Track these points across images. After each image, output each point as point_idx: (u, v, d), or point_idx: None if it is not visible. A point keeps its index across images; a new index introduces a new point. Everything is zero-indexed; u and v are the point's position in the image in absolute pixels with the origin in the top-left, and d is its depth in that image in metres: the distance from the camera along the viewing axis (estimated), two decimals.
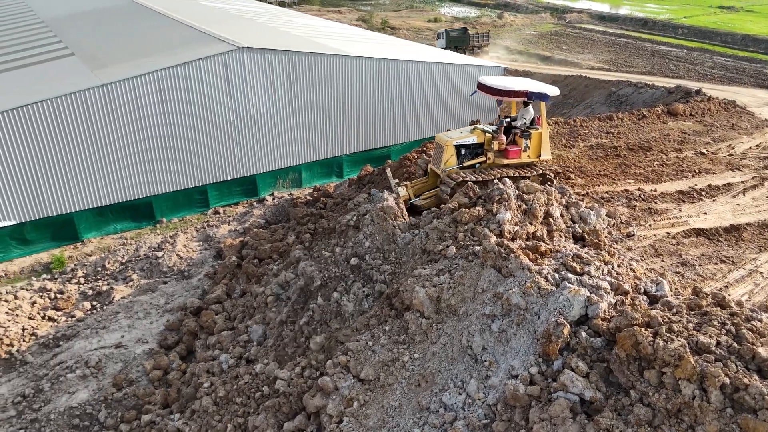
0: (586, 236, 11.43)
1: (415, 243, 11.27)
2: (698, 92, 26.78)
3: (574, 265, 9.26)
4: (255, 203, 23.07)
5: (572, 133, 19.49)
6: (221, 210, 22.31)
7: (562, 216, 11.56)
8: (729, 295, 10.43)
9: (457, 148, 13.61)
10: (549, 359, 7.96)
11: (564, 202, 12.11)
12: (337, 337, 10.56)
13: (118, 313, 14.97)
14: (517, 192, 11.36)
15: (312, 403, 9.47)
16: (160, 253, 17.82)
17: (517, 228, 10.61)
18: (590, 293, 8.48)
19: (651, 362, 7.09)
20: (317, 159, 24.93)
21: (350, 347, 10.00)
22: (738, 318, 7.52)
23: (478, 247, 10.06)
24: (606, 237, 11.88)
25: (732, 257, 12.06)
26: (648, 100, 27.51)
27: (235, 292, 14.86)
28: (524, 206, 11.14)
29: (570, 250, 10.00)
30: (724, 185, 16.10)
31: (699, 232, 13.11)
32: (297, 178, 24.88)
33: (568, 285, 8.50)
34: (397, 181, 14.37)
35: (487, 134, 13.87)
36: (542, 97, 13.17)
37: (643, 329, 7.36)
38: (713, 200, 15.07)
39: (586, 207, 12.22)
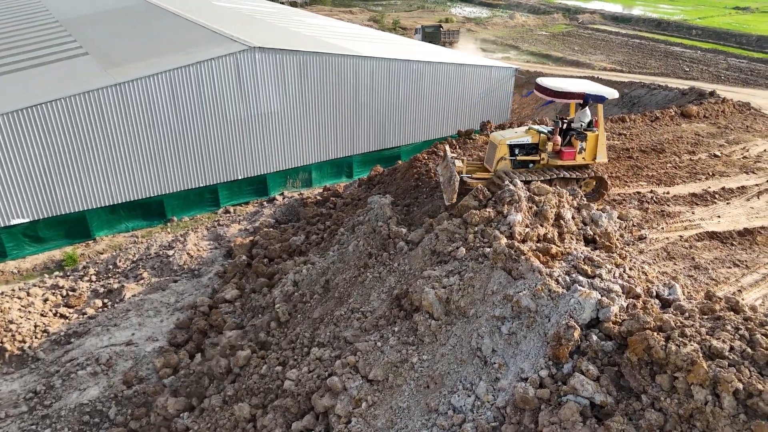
0: (598, 239, 11.32)
1: (425, 244, 11.24)
2: (712, 94, 26.51)
3: (585, 267, 9.19)
4: (265, 203, 23.15)
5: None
6: (232, 209, 22.42)
7: (573, 218, 11.47)
8: (742, 299, 10.29)
9: (511, 147, 13.63)
10: (559, 362, 7.91)
11: (575, 204, 12.02)
12: (346, 337, 10.56)
13: (128, 310, 15.07)
14: (528, 193, 11.29)
15: (320, 403, 9.48)
16: (170, 252, 17.93)
17: (527, 230, 10.55)
18: (601, 296, 8.41)
19: (663, 367, 7.01)
20: (327, 159, 24.98)
21: (359, 347, 9.99)
22: (752, 323, 7.42)
23: (488, 249, 10.01)
24: (618, 240, 11.75)
25: (746, 261, 11.91)
26: (661, 101, 27.29)
27: (245, 291, 14.90)
28: (535, 208, 11.07)
29: (581, 253, 9.92)
30: (738, 188, 15.90)
31: (712, 235, 12.96)
32: (307, 178, 24.94)
33: (579, 288, 8.43)
34: (454, 155, 14.36)
35: (541, 135, 13.81)
36: (599, 99, 13.07)
37: (655, 333, 7.29)
38: (727, 203, 14.89)
39: (597, 209, 12.12)
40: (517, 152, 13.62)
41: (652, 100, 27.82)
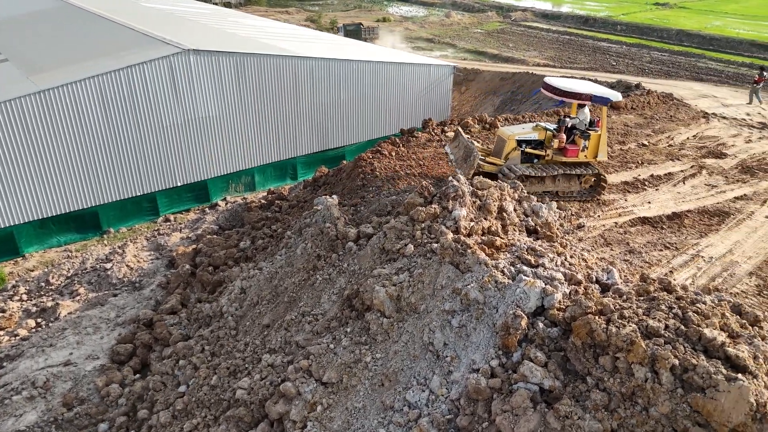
0: (539, 229, 11.69)
1: (373, 243, 11.26)
2: (638, 86, 27.93)
3: (529, 257, 9.47)
4: (207, 209, 22.57)
5: None
6: (172, 217, 21.72)
7: (515, 210, 11.79)
8: (674, 279, 10.90)
9: (519, 143, 14.19)
10: (508, 351, 8.11)
11: (516, 197, 12.36)
12: (297, 341, 10.44)
13: (65, 329, 14.32)
14: (472, 188, 11.52)
15: (275, 410, 9.33)
16: (108, 265, 17.17)
17: (472, 224, 10.75)
18: (545, 284, 8.68)
19: (605, 348, 7.32)
20: (270, 162, 24.62)
21: (312, 351, 9.90)
22: (684, 302, 7.86)
23: (435, 245, 10.14)
24: (558, 229, 12.18)
25: (675, 243, 12.61)
26: None
27: (190, 301, 14.47)
28: (479, 202, 11.30)
29: (524, 244, 10.21)
30: (666, 175, 16.83)
31: (644, 220, 13.65)
32: (250, 182, 24.50)
33: (524, 277, 8.68)
34: (469, 137, 14.97)
35: (547, 132, 14.39)
36: (604, 101, 13.67)
37: (596, 317, 7.60)
38: (656, 189, 15.72)
39: (537, 201, 12.51)
40: (524, 147, 14.24)
41: None
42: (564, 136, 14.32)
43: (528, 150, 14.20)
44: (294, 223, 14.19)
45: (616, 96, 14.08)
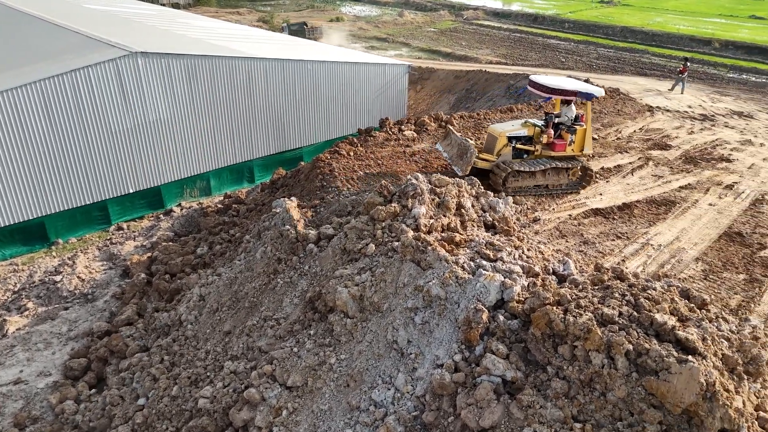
0: (497, 224, 11.91)
1: (334, 243, 11.22)
2: (587, 82, 28.72)
3: (488, 252, 9.63)
4: (162, 215, 21.97)
5: (477, 126, 20.23)
6: (125, 225, 21.03)
7: (473, 206, 11.97)
8: (626, 268, 11.29)
9: (509, 139, 14.70)
10: (471, 345, 8.24)
11: (474, 193, 12.55)
12: (260, 346, 10.30)
13: (13, 346, 13.69)
14: (430, 186, 11.62)
15: (239, 417, 9.19)
16: (58, 278, 16.49)
17: (432, 221, 10.86)
18: (504, 278, 8.86)
19: (563, 338, 7.53)
20: (226, 165, 24.16)
21: (275, 355, 9.80)
22: (636, 289, 8.17)
23: (396, 243, 10.19)
24: (514, 223, 12.44)
25: (626, 233, 13.06)
26: None
27: (146, 311, 14.07)
28: (437, 199, 11.42)
29: (483, 239, 10.38)
30: (615, 167, 17.41)
31: (596, 212, 14.09)
32: (205, 186, 23.99)
33: (484, 272, 8.82)
34: (461, 134, 15.36)
35: (536, 128, 14.90)
36: (588, 96, 14.32)
37: (554, 307, 7.80)
38: (607, 181, 16.24)
39: (494, 196, 12.74)
40: (514, 143, 14.76)
41: None
42: (552, 132, 14.91)
43: (518, 146, 14.78)
44: (252, 227, 13.99)
45: (599, 92, 14.85)
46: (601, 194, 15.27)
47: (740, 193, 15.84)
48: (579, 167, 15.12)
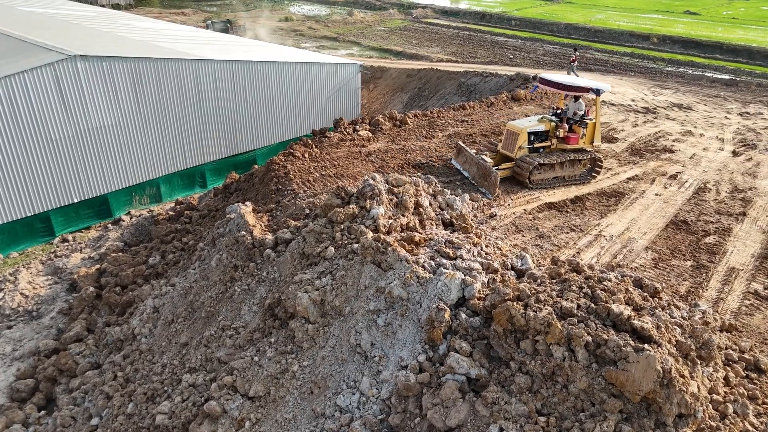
0: (455, 221, 11.97)
1: (292, 248, 11.01)
2: (535, 78, 29.34)
3: (447, 250, 9.66)
4: (110, 225, 21.12)
5: (431, 124, 20.34)
6: (70, 237, 20.10)
7: (431, 205, 11.99)
8: (581, 260, 11.57)
9: (529, 135, 15.43)
10: (434, 345, 8.23)
11: (431, 191, 12.58)
12: (219, 357, 10.01)
13: None
14: (388, 186, 11.57)
15: None
16: None
17: (391, 221, 10.80)
18: (465, 276, 8.89)
19: (525, 333, 7.61)
20: (176, 170, 23.45)
21: (235, 366, 9.53)
22: (592, 281, 8.35)
23: (356, 245, 10.08)
24: (472, 220, 12.55)
25: (580, 225, 13.38)
26: (493, 88, 29.66)
27: (97, 326, 13.47)
28: (395, 199, 11.37)
29: (442, 237, 10.41)
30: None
31: (550, 205, 14.37)
32: (155, 193, 23.22)
33: (444, 270, 8.83)
34: (475, 151, 16.17)
35: (552, 123, 15.73)
36: (598, 92, 15.28)
37: (514, 303, 7.88)
38: None
39: (451, 194, 12.80)
40: (533, 139, 15.56)
41: (485, 87, 30.11)
42: (567, 126, 15.76)
43: (537, 144, 15.59)
44: (206, 234, 13.59)
45: (607, 87, 15.69)
46: (554, 188, 15.59)
47: (684, 183, 16.50)
48: (589, 159, 16.01)
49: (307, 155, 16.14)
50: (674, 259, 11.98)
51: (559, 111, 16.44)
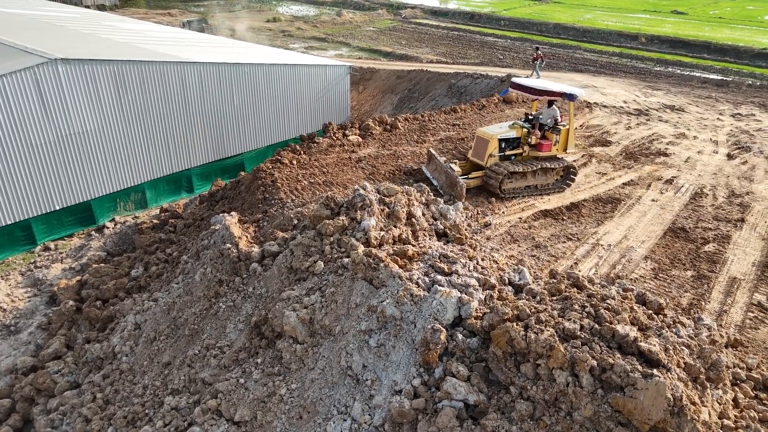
0: (449, 232, 11.58)
1: (279, 262, 10.55)
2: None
3: (442, 265, 9.24)
4: (93, 232, 20.49)
5: (422, 128, 19.93)
6: (52, 245, 19.46)
7: (423, 215, 11.59)
8: (579, 270, 11.22)
9: (500, 142, 14.82)
10: (430, 368, 7.81)
11: (424, 200, 12.18)
12: (203, 378, 9.53)
13: None
14: (379, 196, 11.14)
15: None
16: None
17: (382, 233, 10.38)
18: (461, 293, 8.48)
19: (525, 356, 7.22)
20: (162, 175, 22.85)
21: (220, 388, 9.06)
22: (595, 299, 7.97)
23: (346, 259, 9.65)
24: (466, 230, 12.16)
25: (576, 234, 13.03)
26: (484, 89, 29.32)
27: (76, 342, 12.91)
28: (387, 210, 10.95)
29: (436, 250, 9.99)
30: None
31: (546, 213, 14.01)
32: (141, 199, 22.61)
33: (439, 288, 8.41)
34: (445, 158, 15.46)
35: (524, 129, 15.09)
36: (572, 97, 14.60)
37: (514, 324, 7.48)
38: None
39: (444, 203, 12.40)
40: (503, 146, 14.91)
41: (476, 89, 29.76)
42: (539, 133, 15.14)
43: (508, 152, 14.96)
44: (191, 246, 13.09)
45: (581, 93, 15.09)
46: (549, 195, 15.24)
47: (680, 188, 16.22)
48: (563, 167, 15.41)
49: (295, 162, 15.67)
50: (674, 269, 11.65)
51: (531, 117, 15.67)
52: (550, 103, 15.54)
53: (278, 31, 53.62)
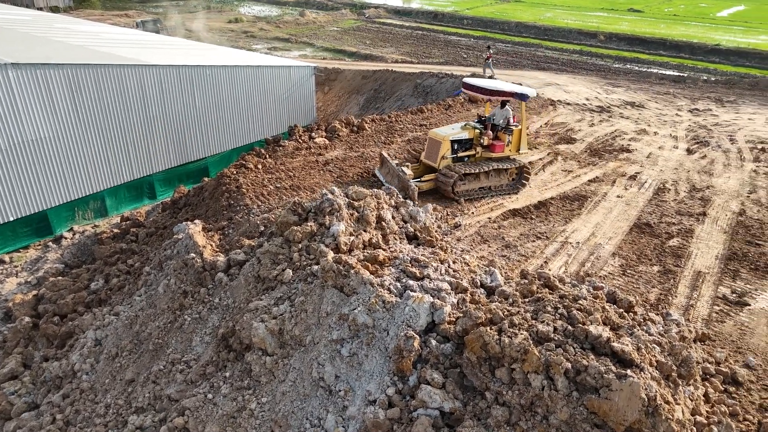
0: (419, 234, 11.45)
1: (246, 271, 10.24)
2: (491, 78, 29.24)
3: (414, 270, 9.11)
4: (51, 243, 19.67)
5: (389, 129, 19.80)
6: (6, 258, 18.58)
7: (393, 218, 11.43)
8: (550, 270, 11.25)
9: (452, 143, 14.66)
10: (404, 375, 7.66)
11: (393, 203, 12.03)
12: (169, 395, 9.16)
13: None
14: (347, 200, 10.93)
15: None
16: None
17: (352, 238, 10.18)
18: (433, 298, 8.36)
19: (500, 360, 7.13)
20: (122, 182, 22.11)
21: (187, 405, 8.71)
22: (567, 300, 7.95)
23: (316, 267, 9.41)
24: (436, 231, 12.06)
25: (545, 232, 13.08)
26: (449, 89, 29.38)
27: (33, 361, 12.30)
28: (356, 214, 10.75)
29: (407, 254, 9.85)
30: (528, 164, 17.55)
31: (514, 212, 14.04)
32: (100, 207, 21.83)
33: (412, 293, 8.27)
34: (397, 161, 15.21)
35: (476, 131, 14.96)
36: (524, 97, 14.53)
37: (488, 328, 7.39)
38: None
39: (414, 205, 12.28)
40: (456, 147, 14.76)
41: (441, 88, 29.81)
42: (491, 133, 15.01)
43: (460, 154, 14.77)
44: (153, 256, 12.62)
45: (532, 92, 15.03)
46: (516, 193, 15.29)
47: (643, 183, 16.51)
48: (516, 168, 15.31)
49: (260, 166, 15.31)
50: (641, 264, 11.80)
51: (483, 117, 15.57)
52: (503, 104, 15.43)
53: (240, 31, 52.77)
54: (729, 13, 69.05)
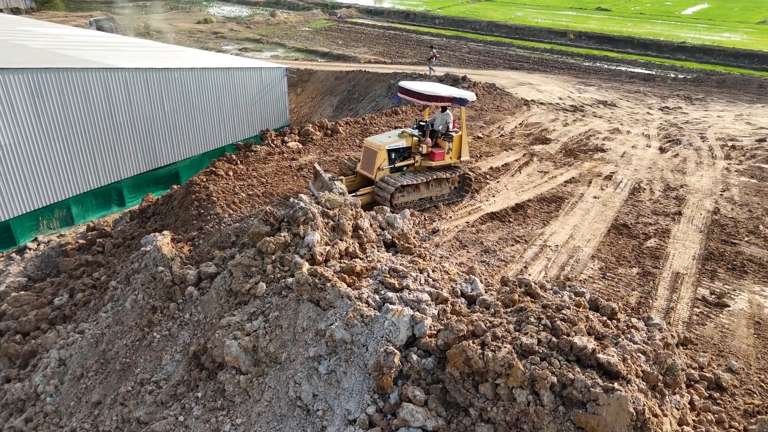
0: (397, 241, 11.20)
1: (218, 284, 9.83)
2: (464, 79, 29.18)
3: (393, 281, 8.83)
4: (14, 254, 18.84)
5: (364, 132, 19.49)
6: None
7: (371, 225, 11.14)
8: (529, 275, 11.09)
9: (389, 152, 13.72)
10: (385, 393, 7.37)
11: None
12: (138, 417, 8.71)
13: None
14: (322, 209, 10.60)
15: None
16: None
17: (328, 248, 9.86)
18: (414, 310, 8.09)
19: (484, 375, 6.90)
20: (89, 189, 21.35)
21: (156, 428, 8.28)
22: (550, 310, 7.76)
23: (290, 279, 9.06)
24: (414, 238, 11.82)
25: (524, 236, 12.94)
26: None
27: None
28: (332, 223, 10.43)
29: (385, 264, 9.57)
30: (503, 166, 17.48)
31: (492, 216, 13.87)
32: (66, 215, 21.03)
33: (391, 306, 7.99)
34: (330, 175, 14.05)
35: (414, 138, 14.01)
36: (463, 102, 13.66)
37: (470, 342, 7.15)
38: (497, 182, 16.19)
39: (391, 212, 12.01)
40: (393, 157, 13.83)
41: None
42: (430, 141, 14.11)
43: (398, 164, 13.89)
44: (120, 269, 12.08)
45: (472, 96, 14.16)
46: (494, 196, 15.14)
47: (618, 183, 16.54)
48: (458, 176, 14.55)
49: (231, 173, 14.85)
50: (620, 266, 11.73)
51: (422, 123, 14.57)
52: (444, 108, 14.50)
53: (210, 32, 51.84)
54: (693, 11, 70.58)
